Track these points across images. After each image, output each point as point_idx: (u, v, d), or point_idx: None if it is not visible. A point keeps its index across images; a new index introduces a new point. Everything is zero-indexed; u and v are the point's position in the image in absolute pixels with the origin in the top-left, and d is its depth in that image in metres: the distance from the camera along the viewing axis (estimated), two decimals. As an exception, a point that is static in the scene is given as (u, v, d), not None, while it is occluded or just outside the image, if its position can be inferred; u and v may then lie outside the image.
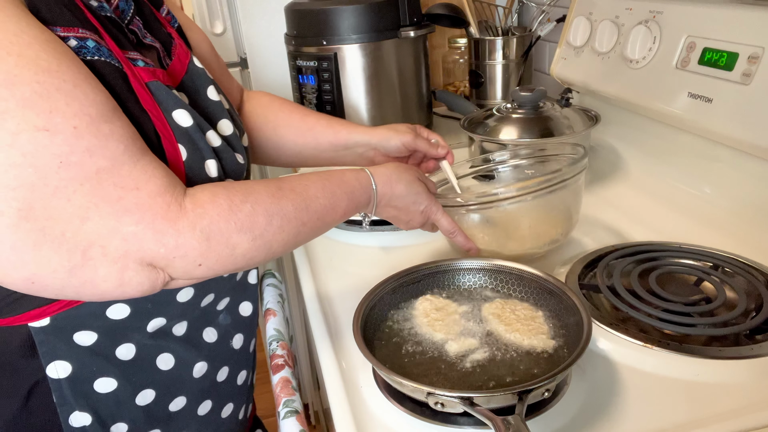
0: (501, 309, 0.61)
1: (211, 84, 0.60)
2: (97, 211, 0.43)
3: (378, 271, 0.71)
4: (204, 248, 0.47)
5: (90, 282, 0.45)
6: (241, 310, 0.67)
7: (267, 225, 0.51)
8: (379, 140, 0.78)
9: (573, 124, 0.96)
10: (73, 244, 0.43)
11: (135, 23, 0.56)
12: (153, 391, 0.58)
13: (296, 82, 1.18)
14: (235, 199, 0.49)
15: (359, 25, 1.09)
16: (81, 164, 0.42)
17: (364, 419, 0.54)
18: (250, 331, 0.69)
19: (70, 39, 0.45)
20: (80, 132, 0.42)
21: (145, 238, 0.45)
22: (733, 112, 0.78)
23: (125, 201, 0.44)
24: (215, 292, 0.61)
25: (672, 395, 0.54)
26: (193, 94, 0.59)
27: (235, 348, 0.67)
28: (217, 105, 0.60)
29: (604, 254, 0.74)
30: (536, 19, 1.32)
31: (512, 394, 0.46)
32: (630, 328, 0.61)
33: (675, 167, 0.94)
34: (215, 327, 0.63)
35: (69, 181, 0.42)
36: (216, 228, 0.48)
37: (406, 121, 1.20)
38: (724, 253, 0.71)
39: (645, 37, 0.94)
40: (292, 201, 0.54)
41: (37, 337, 0.51)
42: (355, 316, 0.57)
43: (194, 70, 0.59)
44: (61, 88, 0.42)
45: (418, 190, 0.67)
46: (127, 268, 0.45)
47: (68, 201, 0.42)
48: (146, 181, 0.45)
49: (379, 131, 0.79)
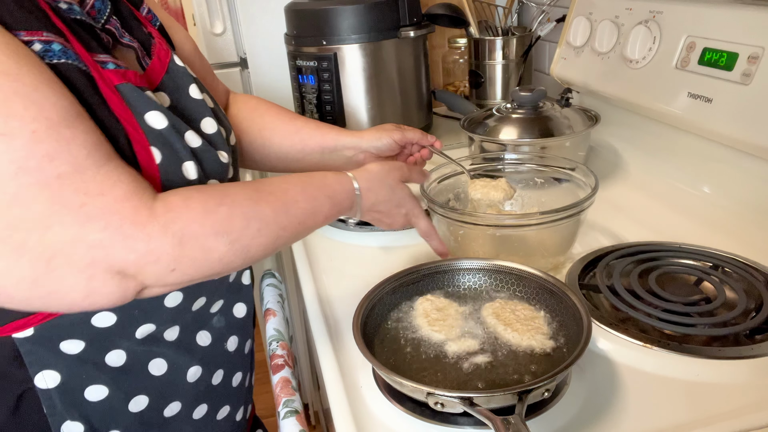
0: (501, 309, 0.61)
1: (194, 82, 0.59)
2: (59, 219, 0.42)
3: (378, 271, 0.71)
4: (177, 253, 0.46)
5: (56, 293, 0.43)
6: (235, 311, 0.66)
7: (244, 228, 0.50)
8: (370, 141, 0.78)
9: (573, 124, 0.96)
10: (35, 253, 0.41)
11: (112, 23, 0.54)
12: (146, 397, 0.57)
13: (296, 82, 1.18)
14: (210, 202, 0.48)
15: (359, 25, 1.09)
16: (40, 170, 0.41)
17: (364, 419, 0.54)
18: (245, 333, 0.68)
19: (34, 43, 0.44)
20: (39, 136, 0.41)
21: (112, 245, 0.43)
22: (733, 112, 0.78)
23: (89, 207, 0.42)
24: (207, 295, 0.60)
25: (672, 395, 0.54)
26: (174, 92, 0.57)
27: (230, 350, 0.66)
28: (200, 103, 0.59)
29: (604, 254, 0.74)
30: (536, 19, 1.32)
31: (512, 394, 0.46)
32: (630, 328, 0.61)
33: (675, 167, 0.94)
34: (209, 330, 0.62)
35: (28, 187, 0.41)
36: (190, 231, 0.46)
37: (406, 121, 1.20)
38: (724, 253, 0.71)
39: (645, 37, 0.94)
40: (270, 204, 0.53)
41: (22, 347, 0.50)
42: (355, 316, 0.57)
43: (175, 69, 0.58)
44: (19, 92, 0.41)
45: (401, 194, 0.67)
46: (94, 277, 0.43)
47: (28, 208, 0.41)
48: (111, 187, 0.44)
49: (368, 133, 0.79)
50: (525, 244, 0.73)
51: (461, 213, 0.74)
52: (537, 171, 0.85)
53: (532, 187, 0.85)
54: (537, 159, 0.86)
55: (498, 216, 0.76)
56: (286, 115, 0.80)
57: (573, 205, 0.68)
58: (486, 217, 0.73)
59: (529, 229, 0.70)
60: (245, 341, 0.69)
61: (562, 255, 0.76)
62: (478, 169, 0.86)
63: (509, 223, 0.72)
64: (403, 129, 0.79)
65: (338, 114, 1.16)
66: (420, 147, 0.82)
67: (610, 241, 0.80)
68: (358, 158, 0.79)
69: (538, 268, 0.63)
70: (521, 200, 0.86)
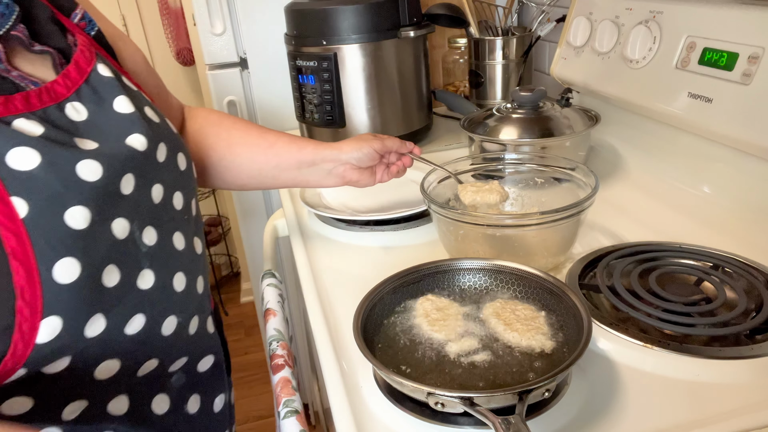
0: (501, 309, 0.61)
1: (122, 95, 0.52)
2: None
3: (378, 271, 0.71)
4: None
5: None
6: (200, 366, 0.58)
7: None
8: (350, 153, 0.75)
9: (573, 124, 0.96)
10: None
11: (19, 29, 0.48)
12: None
13: (296, 82, 1.18)
14: None
15: (359, 25, 1.09)
16: None
17: (364, 419, 0.54)
18: (212, 389, 0.59)
19: None
20: None
21: None
22: (733, 112, 0.78)
23: None
24: (161, 356, 0.52)
25: (672, 395, 0.54)
26: (93, 104, 0.50)
27: (191, 413, 0.56)
28: (126, 117, 0.51)
29: (604, 254, 0.74)
30: (536, 19, 1.32)
31: (512, 394, 0.46)
32: (630, 328, 0.61)
33: (675, 167, 0.94)
34: (167, 393, 0.54)
35: None
36: None
37: (407, 121, 1.20)
38: (724, 253, 0.71)
39: (645, 37, 0.94)
40: None
41: None
42: (355, 316, 0.57)
43: (97, 79, 0.51)
44: None
45: None
46: None
47: None
48: None
49: (347, 144, 0.76)
50: (525, 244, 0.73)
51: (461, 213, 0.74)
52: (537, 171, 0.85)
53: (532, 187, 0.85)
54: (537, 159, 0.86)
55: (498, 216, 0.76)
56: (255, 129, 0.75)
57: (573, 205, 0.68)
58: (486, 217, 0.73)
59: (529, 229, 0.70)
60: (213, 398, 0.60)
61: (562, 255, 0.76)
62: (478, 169, 0.86)
63: (509, 223, 0.72)
64: (381, 138, 0.78)
65: (338, 114, 1.16)
66: (399, 155, 0.81)
67: (610, 241, 0.80)
68: (338, 171, 0.77)
69: (538, 268, 0.63)
70: (521, 200, 0.86)
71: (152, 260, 0.51)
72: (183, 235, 0.56)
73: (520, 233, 0.72)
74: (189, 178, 0.59)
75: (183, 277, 0.55)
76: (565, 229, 0.72)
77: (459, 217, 0.72)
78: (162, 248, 0.52)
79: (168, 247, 0.53)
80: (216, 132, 0.73)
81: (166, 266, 0.53)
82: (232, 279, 2.84)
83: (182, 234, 0.56)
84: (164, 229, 0.53)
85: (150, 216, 0.51)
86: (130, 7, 2.41)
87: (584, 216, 0.72)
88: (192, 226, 0.58)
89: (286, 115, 1.45)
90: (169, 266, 0.53)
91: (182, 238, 0.56)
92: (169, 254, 0.53)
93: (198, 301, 0.58)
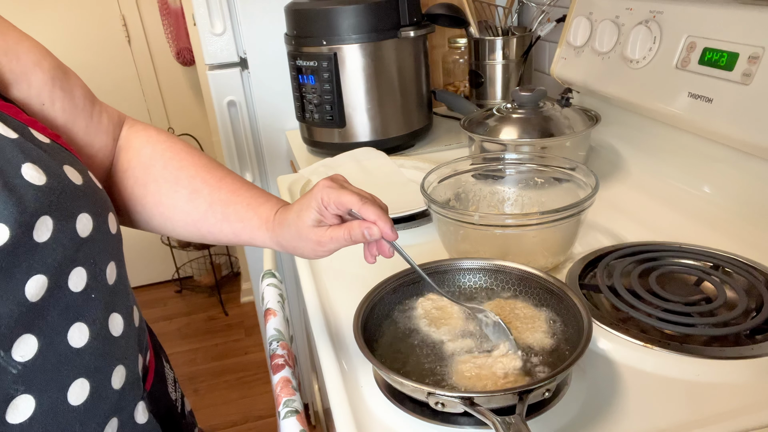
0: (501, 309, 0.61)
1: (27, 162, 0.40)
2: None
3: (378, 271, 0.71)
4: None
5: None
6: None
7: None
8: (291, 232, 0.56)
9: (573, 124, 0.96)
10: None
11: None
12: None
13: (296, 82, 1.19)
14: None
15: (359, 25, 1.09)
16: None
17: (364, 419, 0.54)
18: None
19: None
20: None
21: None
22: (733, 112, 0.78)
23: None
24: None
25: (672, 395, 0.54)
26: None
27: None
28: (9, 144, 0.40)
29: (604, 254, 0.74)
30: (536, 19, 1.32)
31: (512, 394, 0.46)
32: (630, 328, 0.61)
33: (675, 167, 0.94)
34: None
35: None
36: None
37: (407, 121, 1.20)
38: (724, 253, 0.71)
39: (645, 37, 0.94)
40: None
41: None
42: (355, 316, 0.57)
43: None
44: None
45: None
46: None
47: None
48: None
49: (290, 215, 0.56)
50: (525, 244, 0.73)
51: (461, 213, 0.74)
52: (537, 171, 0.85)
53: (532, 187, 0.85)
54: (537, 159, 0.86)
55: (498, 216, 0.76)
56: (185, 188, 0.59)
57: (573, 205, 0.68)
58: (486, 217, 0.73)
59: (530, 229, 0.70)
60: None
61: (562, 255, 0.76)
62: (479, 169, 0.86)
63: (509, 223, 0.72)
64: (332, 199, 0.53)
65: (338, 114, 1.16)
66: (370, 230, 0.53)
67: (611, 241, 0.80)
68: None
69: (539, 268, 0.63)
70: (521, 200, 0.86)
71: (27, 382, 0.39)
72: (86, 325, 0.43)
73: (520, 233, 0.72)
74: (98, 205, 0.46)
75: (86, 385, 0.43)
76: (565, 229, 0.72)
77: (459, 217, 0.72)
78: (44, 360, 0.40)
79: (52, 356, 0.41)
80: (143, 179, 0.59)
81: (49, 386, 0.41)
82: (232, 279, 2.84)
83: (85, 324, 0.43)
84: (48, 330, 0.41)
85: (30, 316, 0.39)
86: (130, 7, 2.41)
87: (584, 216, 0.72)
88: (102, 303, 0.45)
89: (286, 115, 1.45)
90: (57, 381, 0.41)
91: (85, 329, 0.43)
92: (60, 361, 0.41)
93: (114, 402, 0.46)
